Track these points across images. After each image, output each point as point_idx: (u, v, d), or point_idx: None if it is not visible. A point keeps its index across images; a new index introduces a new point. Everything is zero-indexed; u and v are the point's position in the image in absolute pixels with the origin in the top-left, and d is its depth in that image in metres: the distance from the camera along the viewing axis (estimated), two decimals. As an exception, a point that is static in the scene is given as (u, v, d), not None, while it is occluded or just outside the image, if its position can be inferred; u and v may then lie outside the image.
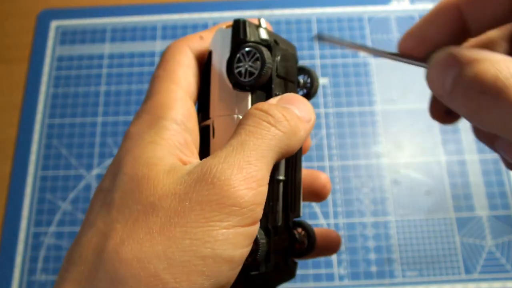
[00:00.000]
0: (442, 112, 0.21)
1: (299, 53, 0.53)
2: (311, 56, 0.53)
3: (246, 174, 0.16)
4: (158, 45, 0.55)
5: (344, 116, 0.50)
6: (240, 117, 0.20)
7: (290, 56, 0.22)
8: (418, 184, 0.47)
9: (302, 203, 0.23)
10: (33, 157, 0.49)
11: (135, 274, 0.15)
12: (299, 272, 0.44)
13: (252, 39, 0.20)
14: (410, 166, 0.48)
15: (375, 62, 0.53)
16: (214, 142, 0.20)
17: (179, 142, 0.19)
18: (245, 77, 0.20)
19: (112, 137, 0.50)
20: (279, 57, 0.21)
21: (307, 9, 0.56)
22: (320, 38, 0.21)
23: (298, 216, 0.22)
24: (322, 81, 0.52)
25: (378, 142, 0.49)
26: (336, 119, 0.50)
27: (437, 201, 0.46)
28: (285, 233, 0.21)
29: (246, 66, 0.20)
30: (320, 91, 0.51)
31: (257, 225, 0.17)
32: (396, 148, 0.49)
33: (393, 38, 0.54)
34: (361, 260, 0.44)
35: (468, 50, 0.16)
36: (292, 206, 0.22)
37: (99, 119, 0.51)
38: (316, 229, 0.24)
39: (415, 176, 0.47)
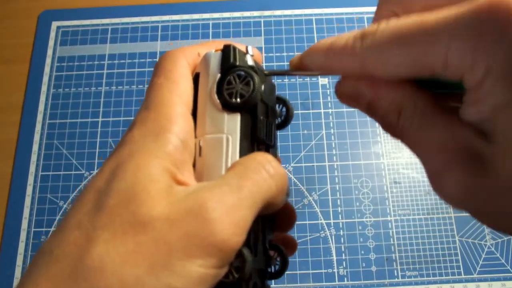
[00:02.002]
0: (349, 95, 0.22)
1: (299, 53, 0.53)
2: (311, 57, 0.53)
3: (235, 220, 0.17)
4: (159, 46, 0.55)
5: (344, 116, 0.50)
6: (230, 137, 0.20)
7: (271, 85, 0.23)
8: (418, 184, 0.47)
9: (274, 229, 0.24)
10: (34, 157, 0.50)
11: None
12: (299, 272, 0.44)
13: (241, 64, 0.21)
14: (410, 166, 0.48)
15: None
16: (200, 160, 0.21)
17: (179, 160, 0.19)
18: (235, 99, 0.21)
19: (112, 137, 0.50)
20: (263, 84, 0.22)
21: (307, 9, 0.56)
22: (267, 74, 0.23)
23: (272, 238, 0.23)
24: (322, 81, 0.52)
25: (378, 142, 0.49)
26: (336, 119, 0.50)
27: (436, 201, 0.46)
28: (262, 255, 0.22)
29: (237, 88, 0.21)
30: (320, 91, 0.51)
31: (226, 269, 0.18)
32: (396, 148, 0.49)
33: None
34: (360, 260, 0.44)
35: (365, 86, 0.18)
36: (268, 229, 0.22)
37: (100, 119, 0.51)
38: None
39: (415, 176, 0.47)
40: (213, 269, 0.16)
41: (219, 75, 0.21)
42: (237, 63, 0.21)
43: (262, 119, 0.21)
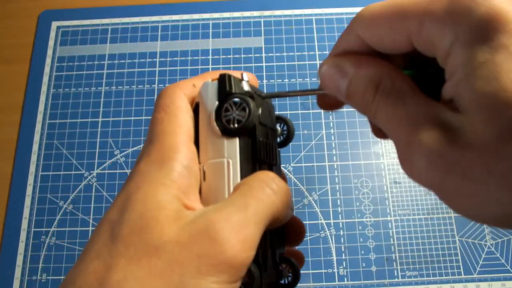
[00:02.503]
0: (328, 103, 0.24)
1: (299, 53, 0.54)
2: (311, 57, 0.53)
3: (243, 237, 0.18)
4: (159, 46, 0.55)
5: (344, 116, 0.50)
6: (230, 161, 0.22)
7: (269, 106, 0.25)
8: (418, 184, 0.47)
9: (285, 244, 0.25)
10: (34, 157, 0.50)
11: None
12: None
13: (237, 91, 0.23)
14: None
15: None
16: (205, 185, 0.22)
17: (185, 186, 0.20)
18: (233, 124, 0.22)
19: (112, 137, 0.50)
20: (261, 107, 0.23)
21: (307, 9, 0.56)
22: (264, 97, 0.24)
23: (283, 251, 0.24)
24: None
25: (378, 142, 0.49)
26: (336, 119, 0.50)
27: (436, 201, 0.46)
28: (273, 270, 0.22)
29: (234, 114, 0.22)
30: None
31: (239, 283, 0.19)
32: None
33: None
34: (360, 260, 0.44)
35: (349, 63, 0.19)
36: (278, 243, 0.23)
37: (100, 119, 0.51)
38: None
39: (414, 176, 0.47)
40: (226, 284, 0.17)
41: (216, 103, 0.22)
42: (233, 91, 0.22)
43: (261, 141, 0.22)
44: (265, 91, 0.51)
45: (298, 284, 0.41)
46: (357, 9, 0.56)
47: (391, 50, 0.19)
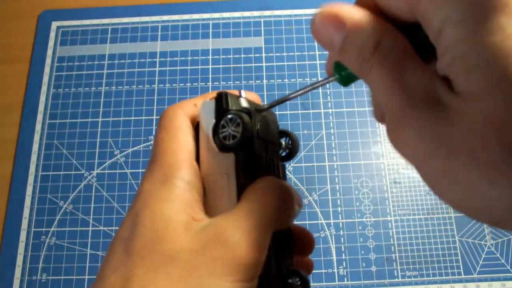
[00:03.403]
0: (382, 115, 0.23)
1: (299, 53, 0.54)
2: (311, 57, 0.53)
3: (252, 240, 0.19)
4: (159, 46, 0.55)
5: (344, 116, 0.50)
6: (227, 175, 0.22)
7: (270, 121, 0.25)
8: (418, 184, 0.47)
9: (293, 255, 0.26)
10: (34, 157, 0.50)
11: None
12: (299, 271, 0.44)
13: (234, 108, 0.23)
14: (410, 166, 0.48)
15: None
16: (206, 200, 0.23)
17: (189, 200, 0.21)
18: (229, 140, 0.23)
19: (112, 137, 0.50)
20: (259, 121, 0.23)
21: (307, 9, 0.56)
22: (259, 110, 0.25)
23: (291, 263, 0.25)
24: (322, 81, 0.52)
25: (378, 142, 0.49)
26: (336, 119, 0.50)
27: (436, 201, 0.46)
28: (278, 282, 0.23)
29: (229, 130, 0.23)
30: (320, 91, 0.51)
31: (256, 281, 0.20)
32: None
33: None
34: (360, 260, 0.44)
35: (347, 14, 0.18)
36: (283, 256, 0.24)
37: (100, 119, 0.51)
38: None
39: (415, 176, 0.47)
40: (242, 283, 0.18)
41: (214, 120, 0.23)
42: (229, 108, 0.23)
43: (259, 155, 0.23)
44: (265, 91, 0.51)
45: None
46: (357, 9, 0.56)
47: (397, 15, 0.18)
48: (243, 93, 0.24)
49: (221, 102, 0.23)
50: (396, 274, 0.44)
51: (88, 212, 0.47)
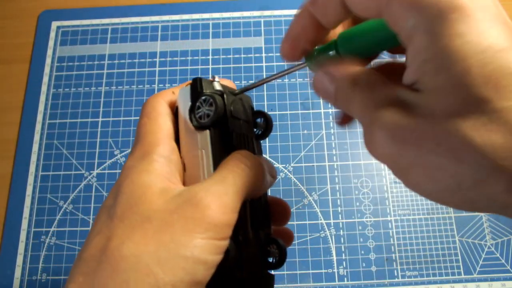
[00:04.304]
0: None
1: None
2: (311, 57, 0.53)
3: (222, 203, 0.21)
4: (159, 46, 0.55)
5: (344, 116, 0.50)
6: (203, 151, 0.25)
7: (244, 102, 0.28)
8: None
9: (271, 225, 0.28)
10: (34, 157, 0.50)
11: (132, 267, 0.19)
12: (299, 272, 0.44)
13: (208, 91, 0.25)
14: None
15: (373, 62, 0.53)
16: (186, 174, 0.25)
17: (167, 172, 0.23)
18: (204, 119, 0.25)
19: (112, 137, 0.50)
20: (232, 102, 0.26)
21: (307, 9, 0.56)
22: (234, 94, 0.27)
23: (269, 232, 0.27)
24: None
25: (378, 142, 0.49)
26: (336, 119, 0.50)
27: (436, 201, 0.46)
28: (256, 247, 0.25)
29: (204, 110, 0.25)
30: (320, 91, 0.51)
31: (227, 241, 0.22)
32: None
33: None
34: (360, 260, 0.44)
35: (341, 69, 0.21)
36: (261, 224, 0.26)
37: (100, 119, 0.51)
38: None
39: (414, 176, 0.47)
40: (212, 240, 0.20)
41: (189, 103, 0.26)
42: (204, 91, 0.25)
43: (233, 131, 0.25)
44: (265, 91, 0.51)
45: (298, 284, 0.42)
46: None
47: (364, 15, 0.20)
48: (216, 78, 0.27)
49: (196, 87, 0.26)
50: (396, 274, 0.44)
51: (88, 212, 0.47)
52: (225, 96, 0.25)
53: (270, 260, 0.26)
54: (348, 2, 0.20)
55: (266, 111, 0.30)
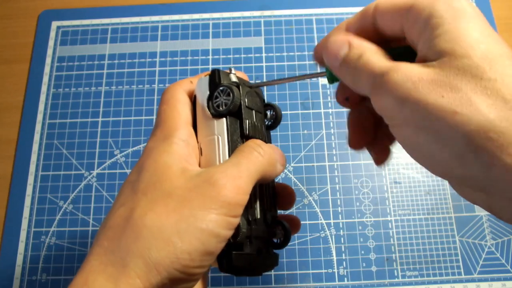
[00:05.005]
0: (343, 99, 0.29)
1: (299, 53, 0.54)
2: (311, 57, 0.53)
3: (236, 184, 0.24)
4: (159, 46, 0.55)
5: (344, 117, 0.50)
6: (219, 137, 0.27)
7: (257, 94, 0.30)
8: (418, 184, 0.47)
9: (277, 208, 0.31)
10: (34, 157, 0.50)
11: (154, 235, 0.22)
12: (299, 272, 0.44)
13: (225, 83, 0.28)
14: (410, 166, 0.48)
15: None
16: (202, 158, 0.27)
17: (185, 154, 0.26)
18: (221, 107, 0.27)
19: (112, 137, 0.50)
20: (246, 93, 0.28)
21: (307, 9, 0.56)
22: (250, 87, 0.29)
23: (275, 215, 0.29)
24: (322, 81, 0.52)
25: (378, 142, 0.49)
26: (336, 119, 0.50)
27: (437, 201, 0.46)
28: (264, 227, 0.28)
29: (222, 100, 0.27)
30: (320, 91, 0.51)
31: (238, 219, 0.24)
32: (396, 148, 0.49)
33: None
34: (360, 260, 0.44)
35: (355, 41, 0.24)
36: (268, 207, 0.29)
37: (100, 119, 0.51)
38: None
39: (415, 176, 0.47)
40: (226, 217, 0.23)
41: (208, 93, 0.28)
42: (222, 82, 0.27)
43: (247, 120, 0.28)
44: (265, 91, 0.51)
45: (298, 284, 0.42)
46: (357, 9, 0.56)
47: (390, 32, 0.24)
48: (233, 70, 0.29)
49: (214, 77, 0.28)
50: (396, 274, 0.44)
51: (88, 212, 0.47)
52: (240, 87, 0.28)
53: (275, 240, 0.29)
54: (379, 17, 0.24)
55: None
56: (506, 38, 0.54)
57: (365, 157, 0.48)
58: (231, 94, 0.27)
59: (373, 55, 0.23)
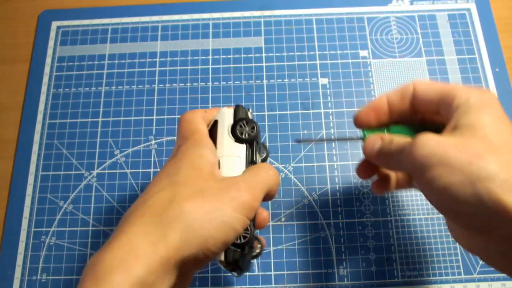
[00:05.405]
0: (366, 176, 0.37)
1: (299, 53, 0.54)
2: (311, 57, 0.53)
3: (254, 192, 0.30)
4: (159, 46, 0.55)
5: (344, 116, 0.50)
6: (239, 157, 0.33)
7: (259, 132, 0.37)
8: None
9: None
10: (34, 157, 0.50)
11: (191, 219, 0.27)
12: (299, 272, 0.44)
13: (249, 118, 0.35)
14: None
15: (374, 63, 0.53)
16: (220, 170, 0.32)
17: (212, 161, 0.31)
18: (244, 136, 0.34)
19: (112, 137, 0.50)
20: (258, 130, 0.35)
21: (307, 9, 0.56)
22: (298, 141, 0.38)
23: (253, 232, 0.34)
24: (322, 81, 0.52)
25: (378, 142, 0.49)
26: (336, 119, 0.50)
27: (436, 201, 0.46)
28: (253, 238, 0.33)
29: (246, 130, 0.34)
30: (320, 91, 0.51)
31: (249, 222, 0.30)
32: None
33: (392, 39, 0.54)
34: (360, 260, 0.44)
35: (385, 135, 0.33)
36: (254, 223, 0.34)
37: (100, 119, 0.51)
38: None
39: (414, 176, 0.47)
40: (243, 217, 0.29)
41: (232, 121, 0.35)
42: (245, 116, 0.35)
43: (255, 151, 0.35)
44: (265, 91, 0.51)
45: (298, 284, 0.42)
46: (357, 9, 0.56)
47: (426, 109, 0.32)
48: (250, 109, 0.37)
49: (239, 111, 0.35)
50: (396, 274, 0.44)
51: (88, 212, 0.47)
52: (258, 124, 0.35)
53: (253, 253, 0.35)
54: (417, 96, 0.32)
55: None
56: (506, 38, 0.54)
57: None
58: (255, 128, 0.35)
59: (400, 138, 0.31)
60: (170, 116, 0.51)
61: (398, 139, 0.31)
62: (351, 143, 0.49)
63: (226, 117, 0.35)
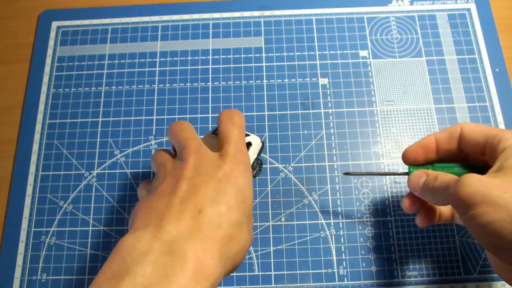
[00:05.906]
0: (410, 205, 0.38)
1: (299, 53, 0.54)
2: (311, 57, 0.53)
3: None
4: (159, 46, 0.55)
5: (344, 116, 0.50)
6: None
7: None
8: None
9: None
10: (34, 157, 0.50)
11: (217, 221, 0.30)
12: (299, 272, 0.44)
13: (260, 156, 0.43)
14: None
15: (374, 63, 0.53)
16: None
17: None
18: (254, 171, 0.43)
19: (112, 137, 0.50)
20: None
21: (307, 9, 0.56)
22: (347, 174, 0.42)
23: None
24: (322, 81, 0.52)
25: (378, 142, 0.49)
26: (335, 119, 0.50)
27: (436, 201, 0.46)
28: None
29: (257, 169, 0.44)
30: (320, 91, 0.51)
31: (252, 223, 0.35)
32: (396, 148, 0.49)
33: (392, 39, 0.54)
34: (360, 260, 0.44)
35: (429, 171, 0.35)
36: None
37: (100, 119, 0.51)
38: None
39: (414, 176, 0.47)
40: (248, 218, 0.33)
41: (256, 156, 0.42)
42: (261, 154, 0.42)
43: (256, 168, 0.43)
44: (265, 91, 0.51)
45: (298, 284, 0.42)
46: (357, 9, 0.56)
47: (471, 149, 0.35)
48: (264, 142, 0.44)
49: (262, 148, 0.43)
50: (396, 274, 0.44)
51: (88, 212, 0.47)
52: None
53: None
54: (464, 137, 0.35)
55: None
56: (506, 38, 0.54)
57: (365, 157, 0.48)
58: (261, 167, 0.46)
59: (445, 175, 0.33)
60: (170, 116, 0.51)
61: (443, 176, 0.33)
62: (350, 142, 0.49)
63: (253, 149, 0.41)
